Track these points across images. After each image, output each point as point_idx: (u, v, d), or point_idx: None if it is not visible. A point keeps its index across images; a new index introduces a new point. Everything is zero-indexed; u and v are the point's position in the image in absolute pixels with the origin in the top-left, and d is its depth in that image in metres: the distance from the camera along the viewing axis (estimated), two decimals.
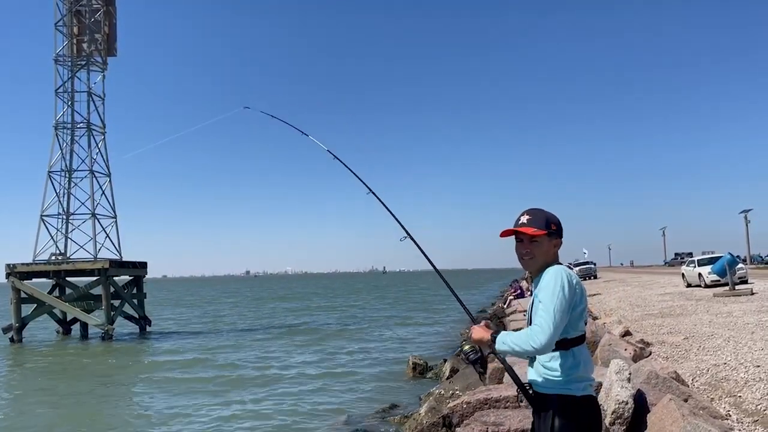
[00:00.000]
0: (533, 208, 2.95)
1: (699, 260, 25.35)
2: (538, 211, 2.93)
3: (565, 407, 2.69)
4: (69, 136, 29.87)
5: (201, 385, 15.56)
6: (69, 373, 18.83)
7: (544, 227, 2.85)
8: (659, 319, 13.96)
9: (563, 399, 2.70)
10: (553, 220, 2.89)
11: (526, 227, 2.85)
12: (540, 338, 2.63)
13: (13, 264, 27.63)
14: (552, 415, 2.70)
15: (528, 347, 2.67)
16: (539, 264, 2.86)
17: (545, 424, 2.72)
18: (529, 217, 2.90)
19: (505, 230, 2.92)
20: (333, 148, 4.74)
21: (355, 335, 26.63)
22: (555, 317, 2.64)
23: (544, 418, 2.74)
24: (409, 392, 13.39)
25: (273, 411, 12.39)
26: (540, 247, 2.85)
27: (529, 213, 2.92)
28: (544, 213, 2.92)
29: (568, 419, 2.68)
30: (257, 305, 56.91)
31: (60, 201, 29.54)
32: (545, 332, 2.63)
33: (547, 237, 2.85)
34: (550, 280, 2.73)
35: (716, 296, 18.07)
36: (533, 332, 2.66)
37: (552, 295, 2.68)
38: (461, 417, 6.62)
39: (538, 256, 2.86)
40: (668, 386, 5.89)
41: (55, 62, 29.72)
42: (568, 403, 2.70)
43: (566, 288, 2.70)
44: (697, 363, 8.21)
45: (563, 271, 2.77)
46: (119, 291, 29.18)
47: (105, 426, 11.90)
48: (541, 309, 2.70)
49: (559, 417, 2.68)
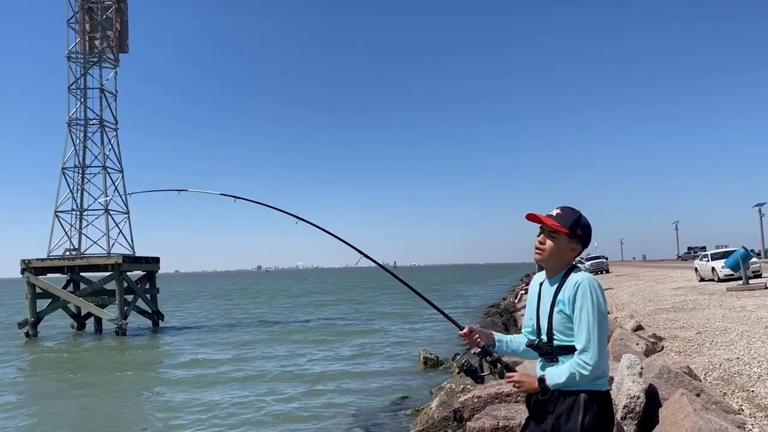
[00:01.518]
0: (572, 208, 2.89)
1: (712, 254, 25.16)
2: (572, 211, 2.87)
3: (593, 403, 2.70)
4: (82, 133, 30.07)
5: (213, 379, 15.68)
6: (84, 368, 19.02)
7: (568, 226, 2.80)
8: (672, 314, 13.89)
9: (592, 395, 2.71)
10: (582, 224, 2.83)
11: (552, 219, 2.81)
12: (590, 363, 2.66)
13: (28, 259, 27.89)
14: (582, 410, 2.69)
15: (582, 378, 2.69)
16: (550, 261, 2.85)
17: (571, 420, 2.70)
18: (559, 211, 2.85)
19: (531, 213, 2.87)
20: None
21: (366, 330, 26.69)
22: (598, 335, 2.67)
23: (567, 413, 2.72)
24: (420, 386, 13.42)
25: (284, 403, 12.47)
26: (556, 244, 2.82)
27: (562, 209, 2.87)
28: (576, 215, 2.85)
29: (597, 414, 2.69)
30: (268, 300, 57.19)
31: (73, 197, 29.80)
32: (593, 352, 2.66)
33: (567, 237, 2.81)
34: (585, 297, 2.71)
35: (730, 290, 17.94)
36: (582, 359, 2.67)
37: (592, 311, 2.68)
38: (472, 411, 6.64)
39: (551, 253, 2.83)
40: (680, 381, 5.87)
41: (67, 59, 29.90)
42: (597, 398, 2.72)
43: (602, 303, 2.72)
44: (709, 358, 8.17)
45: (594, 285, 2.74)
46: (132, 286, 29.40)
47: (121, 420, 12.03)
48: (583, 326, 2.69)
49: (590, 412, 2.69)
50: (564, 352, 2.77)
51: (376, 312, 36.58)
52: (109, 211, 29.70)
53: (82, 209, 29.72)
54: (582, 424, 2.68)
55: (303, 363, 17.77)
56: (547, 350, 2.83)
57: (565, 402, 2.74)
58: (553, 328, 2.79)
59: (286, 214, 4.01)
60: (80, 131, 30.03)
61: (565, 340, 2.77)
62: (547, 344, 2.82)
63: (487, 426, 5.69)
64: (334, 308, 42.14)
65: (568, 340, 2.75)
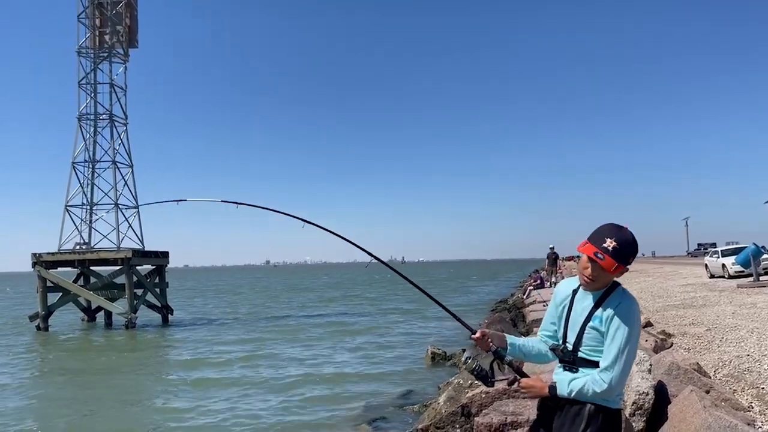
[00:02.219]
0: (622, 231, 2.70)
1: (723, 251, 25.02)
2: (625, 240, 2.67)
3: (598, 418, 2.69)
4: (92, 128, 30.22)
5: (221, 374, 15.74)
6: (94, 361, 19.18)
7: (624, 262, 2.66)
8: (681, 310, 13.82)
9: (599, 409, 2.70)
10: (633, 252, 2.69)
11: (609, 257, 2.63)
12: (611, 380, 2.63)
13: (39, 253, 28.10)
14: (584, 422, 2.69)
15: (599, 389, 2.66)
16: (599, 287, 2.77)
17: (572, 429, 2.71)
18: (616, 245, 2.64)
19: (585, 248, 2.69)
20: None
21: (374, 325, 26.72)
22: (626, 359, 2.63)
23: (571, 422, 2.72)
24: (428, 381, 13.44)
25: (290, 399, 12.51)
26: (609, 277, 2.72)
27: (619, 241, 2.65)
28: (628, 244, 2.67)
29: (599, 428, 2.68)
30: (277, 296, 57.34)
31: (84, 191, 29.97)
32: (616, 374, 2.63)
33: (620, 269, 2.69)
34: (626, 315, 2.66)
35: (740, 287, 17.82)
36: (602, 376, 2.65)
37: (628, 335, 2.64)
38: (480, 406, 6.64)
39: (602, 281, 2.74)
40: (690, 377, 5.85)
41: (77, 54, 30.03)
42: (604, 414, 2.70)
43: (638, 323, 2.69)
44: (719, 354, 8.13)
45: (636, 309, 2.71)
46: (142, 280, 29.57)
47: (127, 418, 12.09)
48: (614, 348, 2.65)
49: (592, 426, 2.67)
50: (586, 365, 2.75)
51: (383, 308, 36.61)
52: (118, 205, 29.88)
53: (92, 203, 29.90)
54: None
55: (311, 358, 17.81)
56: (569, 359, 2.81)
57: (571, 410, 2.73)
58: (582, 342, 2.76)
59: (293, 218, 3.94)
60: (90, 126, 30.18)
61: (591, 355, 2.74)
62: (571, 353, 2.80)
63: (495, 422, 5.69)
64: (342, 303, 42.21)
65: (595, 355, 2.72)
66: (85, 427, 11.14)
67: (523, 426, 5.54)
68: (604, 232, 2.69)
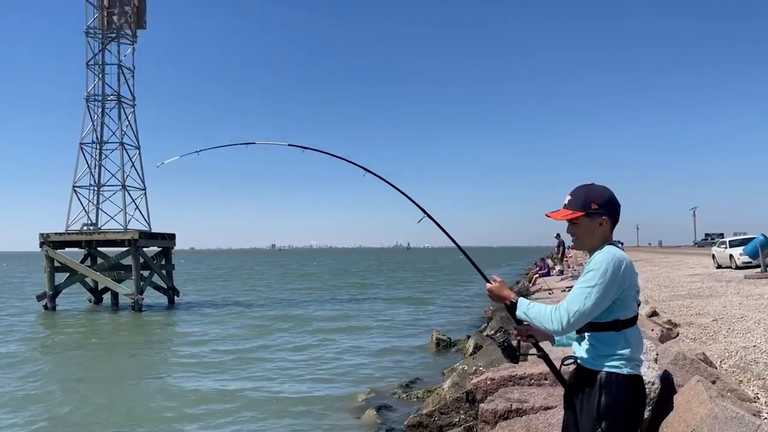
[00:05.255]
0: (580, 185, 2.83)
1: (730, 241, 24.87)
2: (581, 188, 2.81)
3: (611, 384, 2.65)
4: (100, 109, 30.23)
5: (224, 358, 15.84)
6: (99, 344, 19.32)
7: (580, 208, 2.75)
8: (687, 300, 13.76)
9: (610, 376, 2.66)
10: (594, 198, 2.75)
11: (564, 209, 2.78)
12: (564, 320, 2.60)
13: (46, 233, 28.24)
14: (598, 391, 2.65)
15: (549, 325, 2.64)
16: (586, 245, 2.79)
17: (590, 400, 2.68)
18: (570, 198, 2.80)
19: (547, 214, 2.84)
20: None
21: (379, 311, 26.81)
22: (586, 303, 2.59)
23: (588, 393, 2.69)
24: (433, 368, 13.47)
25: (295, 384, 12.58)
26: (581, 228, 2.77)
27: (572, 193, 2.81)
28: (585, 191, 2.79)
29: (615, 396, 2.64)
30: (283, 280, 57.57)
31: (91, 172, 30.07)
32: (571, 314, 2.59)
33: (587, 218, 2.75)
34: (597, 262, 2.65)
35: (747, 278, 17.74)
36: (559, 312, 2.62)
37: (592, 278, 2.61)
38: (485, 393, 6.64)
39: (582, 237, 2.79)
40: (696, 368, 5.82)
41: (86, 34, 29.98)
42: (615, 380, 2.65)
43: (610, 272, 2.61)
44: (725, 345, 8.10)
45: (612, 254, 2.67)
46: (148, 262, 29.71)
47: (131, 399, 12.18)
48: (577, 289, 2.65)
49: (606, 393, 2.64)
50: (588, 329, 2.71)
51: (388, 294, 36.72)
52: (126, 187, 29.95)
53: (99, 184, 29.98)
54: (598, 404, 2.64)
55: (314, 343, 17.90)
56: None
57: (586, 382, 2.71)
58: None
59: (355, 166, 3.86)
60: (98, 107, 30.20)
61: None
62: None
63: (500, 408, 5.69)
64: (347, 290, 42.34)
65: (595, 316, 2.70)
66: (92, 401, 11.22)
67: (527, 413, 5.54)
68: None
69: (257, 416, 10.31)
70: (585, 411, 2.69)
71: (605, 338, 2.69)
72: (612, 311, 2.67)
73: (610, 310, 2.67)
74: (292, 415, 10.29)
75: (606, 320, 2.68)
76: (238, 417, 10.31)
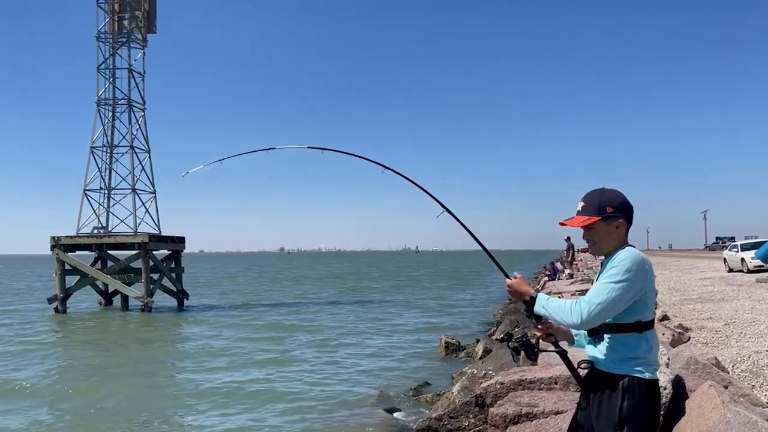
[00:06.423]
0: (592, 191, 2.84)
1: (742, 245, 24.68)
2: (593, 194, 2.82)
3: (633, 388, 2.63)
4: (110, 113, 30.44)
5: (233, 360, 15.85)
6: (111, 344, 19.40)
7: (596, 213, 2.75)
8: (699, 304, 13.66)
9: (633, 380, 2.64)
10: (609, 202, 2.76)
11: (579, 216, 2.79)
12: (585, 312, 2.60)
13: (57, 236, 28.44)
14: (621, 395, 2.64)
15: (568, 319, 2.65)
16: (604, 249, 2.79)
17: (610, 405, 2.66)
18: (583, 203, 2.82)
19: (561, 221, 2.86)
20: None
21: (388, 314, 26.78)
22: (608, 297, 2.59)
23: (608, 397, 2.67)
24: (442, 372, 13.44)
25: (306, 385, 12.58)
26: (597, 233, 2.78)
27: (585, 198, 2.83)
28: (598, 195, 2.81)
29: (637, 401, 2.62)
30: (292, 283, 57.64)
31: (102, 176, 30.27)
32: (592, 307, 2.59)
33: (604, 222, 2.75)
34: (621, 260, 2.65)
35: (759, 282, 17.59)
36: (579, 305, 2.62)
37: (616, 274, 2.62)
38: (494, 397, 6.60)
39: (599, 242, 2.79)
40: (708, 372, 5.77)
41: (97, 39, 30.21)
42: (638, 384, 2.64)
43: (634, 269, 2.62)
44: (737, 349, 8.02)
45: (636, 253, 2.68)
46: (158, 264, 29.84)
47: (145, 395, 12.23)
48: (599, 284, 2.65)
49: (628, 398, 2.62)
50: (608, 330, 2.71)
51: (397, 298, 36.67)
52: (136, 190, 30.12)
53: (110, 188, 30.17)
54: (620, 409, 2.62)
55: (324, 345, 17.89)
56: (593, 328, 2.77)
57: (606, 385, 2.69)
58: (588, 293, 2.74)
59: (374, 164, 3.88)
60: (109, 111, 30.41)
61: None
62: None
63: (510, 412, 5.66)
64: (356, 293, 42.33)
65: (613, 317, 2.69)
66: (99, 397, 11.28)
67: (538, 417, 5.51)
68: None
69: (267, 414, 10.39)
70: (604, 415, 2.67)
71: (627, 340, 2.68)
72: (634, 312, 2.66)
73: (633, 310, 2.66)
74: (303, 412, 10.37)
75: (628, 321, 2.67)
76: (248, 413, 10.46)
